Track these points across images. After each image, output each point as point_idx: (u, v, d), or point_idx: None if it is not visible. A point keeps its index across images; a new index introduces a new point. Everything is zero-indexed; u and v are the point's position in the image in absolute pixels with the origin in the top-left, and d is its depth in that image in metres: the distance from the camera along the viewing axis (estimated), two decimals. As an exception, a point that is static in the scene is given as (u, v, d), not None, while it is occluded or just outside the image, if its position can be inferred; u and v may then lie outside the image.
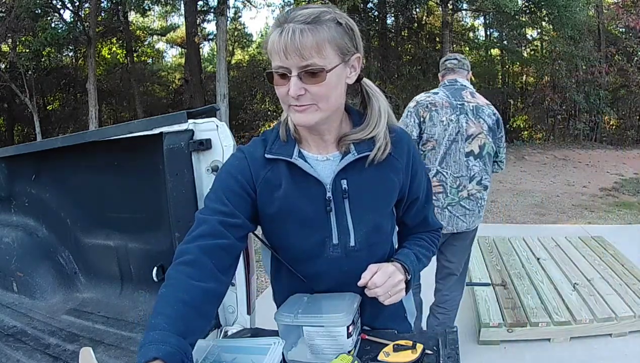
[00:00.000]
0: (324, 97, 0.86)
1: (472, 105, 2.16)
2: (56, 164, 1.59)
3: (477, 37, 16.27)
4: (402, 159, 0.98)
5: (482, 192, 2.18)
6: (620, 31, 13.32)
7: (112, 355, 1.24)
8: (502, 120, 2.27)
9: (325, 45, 0.83)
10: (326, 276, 1.00)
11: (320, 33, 0.83)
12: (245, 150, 0.98)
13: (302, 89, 0.84)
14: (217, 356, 0.91)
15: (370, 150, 0.94)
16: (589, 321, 2.60)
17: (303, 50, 0.81)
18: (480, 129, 2.13)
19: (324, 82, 0.84)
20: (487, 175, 2.18)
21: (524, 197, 7.12)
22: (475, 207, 2.16)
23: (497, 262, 3.57)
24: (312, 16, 0.83)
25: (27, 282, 1.67)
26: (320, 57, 0.83)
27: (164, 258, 1.41)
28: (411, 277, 1.01)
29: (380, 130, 0.95)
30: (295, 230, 0.97)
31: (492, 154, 2.21)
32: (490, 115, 2.17)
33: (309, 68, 0.83)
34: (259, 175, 0.95)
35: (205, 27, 14.94)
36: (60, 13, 11.17)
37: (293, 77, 0.83)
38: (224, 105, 10.20)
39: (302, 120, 0.89)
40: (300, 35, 0.81)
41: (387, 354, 0.92)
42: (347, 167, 0.94)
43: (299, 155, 0.95)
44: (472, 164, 2.13)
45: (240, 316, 1.30)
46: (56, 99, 15.27)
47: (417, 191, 1.04)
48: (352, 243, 0.97)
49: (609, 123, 13.99)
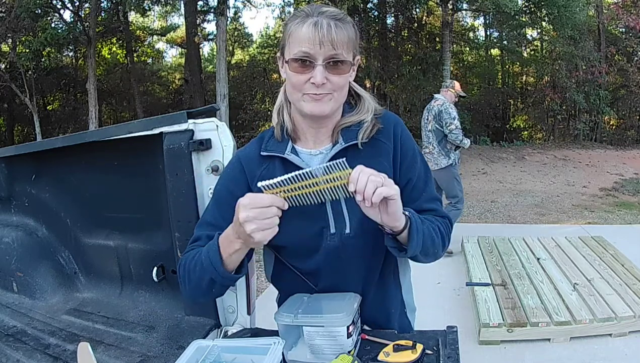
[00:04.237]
0: (342, 88, 0.94)
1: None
2: (56, 164, 1.59)
3: (477, 37, 16.30)
4: (390, 143, 1.01)
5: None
6: (620, 31, 13.33)
7: (112, 355, 1.24)
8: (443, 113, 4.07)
9: (350, 42, 0.92)
10: (325, 271, 1.01)
11: (347, 30, 0.92)
12: (241, 154, 1.05)
13: (324, 78, 0.90)
14: (217, 356, 0.91)
15: (357, 138, 0.98)
16: (589, 321, 2.60)
17: (337, 42, 0.89)
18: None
19: (345, 74, 0.93)
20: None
21: (524, 197, 7.13)
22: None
23: (497, 262, 3.57)
24: (340, 14, 0.93)
25: (27, 282, 1.67)
26: (346, 51, 0.92)
27: (164, 258, 1.41)
28: (412, 222, 0.90)
29: (368, 116, 1.01)
30: (294, 224, 0.98)
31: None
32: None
33: (337, 57, 0.90)
34: (254, 175, 1.00)
35: (205, 27, 14.97)
36: (60, 13, 11.17)
37: (319, 65, 0.90)
38: (224, 105, 10.20)
39: (317, 110, 0.94)
40: (336, 28, 0.89)
41: (387, 354, 0.92)
42: (337, 156, 0.96)
43: (292, 151, 1.00)
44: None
45: (240, 316, 1.30)
46: (56, 99, 15.28)
47: (408, 173, 1.01)
48: (347, 231, 0.98)
49: (609, 123, 13.99)
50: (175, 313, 1.40)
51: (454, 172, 4.15)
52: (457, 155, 4.16)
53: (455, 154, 4.14)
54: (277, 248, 1.05)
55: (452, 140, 4.03)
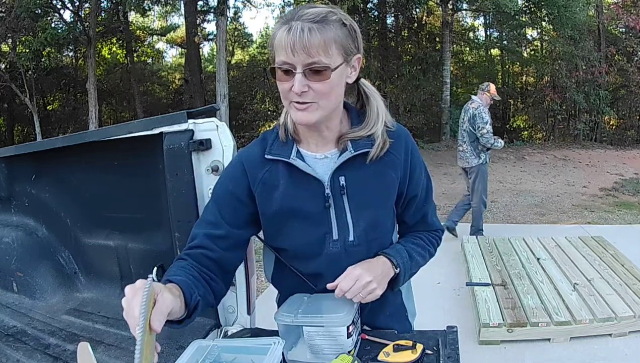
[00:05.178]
0: (326, 94, 0.88)
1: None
2: (56, 164, 1.58)
3: (477, 37, 16.30)
4: (400, 155, 1.00)
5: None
6: (620, 31, 13.33)
7: (112, 355, 1.24)
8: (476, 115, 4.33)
9: (331, 44, 0.85)
10: (326, 274, 1.00)
11: (327, 32, 0.85)
12: (243, 155, 1.02)
13: (305, 86, 0.86)
14: (217, 356, 0.91)
15: (368, 147, 0.96)
16: (589, 321, 2.60)
17: (310, 48, 0.83)
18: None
19: (327, 80, 0.86)
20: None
21: (524, 197, 7.12)
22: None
23: (497, 262, 3.57)
24: (319, 15, 0.85)
25: (27, 282, 1.67)
26: (325, 56, 0.85)
27: (164, 258, 1.40)
28: (400, 273, 1.00)
29: (378, 128, 0.97)
30: (296, 227, 0.98)
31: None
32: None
33: (315, 65, 0.85)
34: (257, 177, 0.98)
35: (205, 27, 14.97)
36: (60, 13, 11.17)
37: (298, 74, 0.85)
38: (224, 105, 10.20)
39: (303, 119, 0.90)
40: (309, 33, 0.83)
41: (387, 354, 0.92)
42: (345, 164, 0.96)
43: (297, 155, 0.97)
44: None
45: (240, 316, 1.30)
46: (56, 99, 15.28)
47: (415, 188, 1.04)
48: (351, 238, 0.98)
49: (609, 123, 13.99)
50: (175, 313, 1.40)
51: (482, 171, 4.46)
52: (488, 154, 4.48)
53: (487, 153, 4.46)
54: (278, 251, 1.05)
55: (484, 143, 4.34)
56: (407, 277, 1.04)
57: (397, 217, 1.09)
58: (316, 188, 0.96)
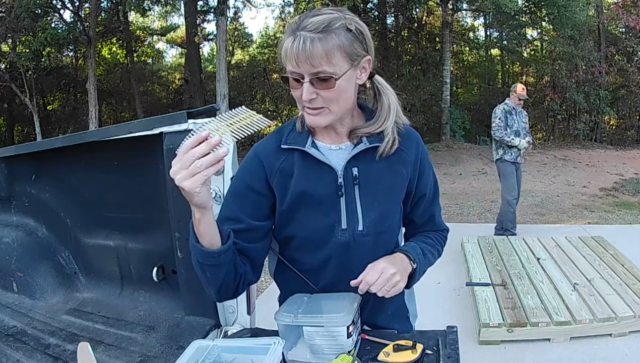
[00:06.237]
0: (334, 100, 0.91)
1: None
2: (56, 164, 1.58)
3: (477, 37, 16.31)
4: (411, 153, 1.03)
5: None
6: (620, 31, 13.35)
7: (112, 355, 1.24)
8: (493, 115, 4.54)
9: (334, 53, 0.87)
10: (332, 264, 1.01)
11: (329, 42, 0.86)
12: (258, 148, 1.03)
13: (313, 93, 0.89)
14: (217, 356, 0.91)
15: (380, 142, 0.98)
16: (589, 321, 2.60)
17: (313, 59, 0.85)
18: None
19: (333, 88, 0.89)
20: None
21: (524, 197, 7.10)
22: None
23: (497, 262, 3.57)
24: (322, 25, 0.86)
25: (27, 282, 1.67)
26: (329, 65, 0.87)
27: (164, 258, 1.41)
28: (417, 269, 1.02)
29: (388, 125, 0.99)
30: (307, 214, 0.99)
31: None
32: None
33: (320, 75, 0.87)
34: (274, 168, 0.99)
35: (205, 27, 14.99)
36: (60, 13, 11.19)
37: (305, 83, 0.88)
38: (224, 105, 10.20)
39: (315, 122, 0.94)
40: (311, 44, 0.85)
41: (387, 354, 0.92)
42: (359, 155, 0.98)
43: (312, 145, 0.99)
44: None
45: (240, 316, 1.30)
46: (56, 99, 15.29)
47: (424, 187, 1.07)
48: (360, 228, 0.99)
49: (609, 123, 14.01)
50: (175, 313, 1.40)
51: (500, 168, 4.64)
52: (515, 153, 4.54)
53: (512, 151, 4.53)
54: (285, 240, 1.05)
55: (497, 139, 4.55)
56: (421, 273, 1.06)
57: (406, 217, 1.11)
58: (329, 177, 0.98)
